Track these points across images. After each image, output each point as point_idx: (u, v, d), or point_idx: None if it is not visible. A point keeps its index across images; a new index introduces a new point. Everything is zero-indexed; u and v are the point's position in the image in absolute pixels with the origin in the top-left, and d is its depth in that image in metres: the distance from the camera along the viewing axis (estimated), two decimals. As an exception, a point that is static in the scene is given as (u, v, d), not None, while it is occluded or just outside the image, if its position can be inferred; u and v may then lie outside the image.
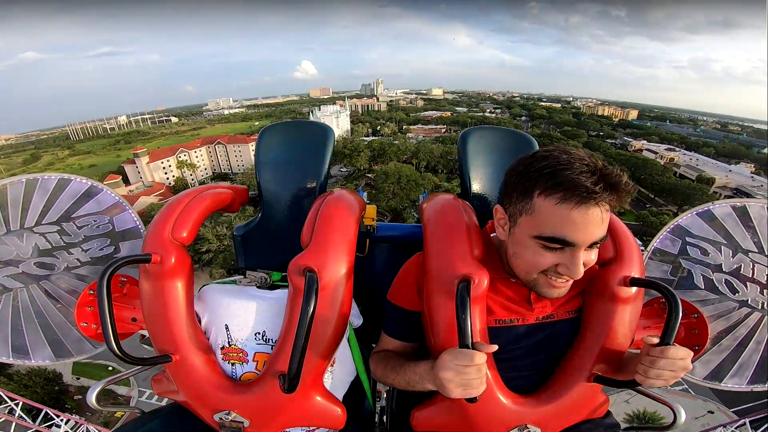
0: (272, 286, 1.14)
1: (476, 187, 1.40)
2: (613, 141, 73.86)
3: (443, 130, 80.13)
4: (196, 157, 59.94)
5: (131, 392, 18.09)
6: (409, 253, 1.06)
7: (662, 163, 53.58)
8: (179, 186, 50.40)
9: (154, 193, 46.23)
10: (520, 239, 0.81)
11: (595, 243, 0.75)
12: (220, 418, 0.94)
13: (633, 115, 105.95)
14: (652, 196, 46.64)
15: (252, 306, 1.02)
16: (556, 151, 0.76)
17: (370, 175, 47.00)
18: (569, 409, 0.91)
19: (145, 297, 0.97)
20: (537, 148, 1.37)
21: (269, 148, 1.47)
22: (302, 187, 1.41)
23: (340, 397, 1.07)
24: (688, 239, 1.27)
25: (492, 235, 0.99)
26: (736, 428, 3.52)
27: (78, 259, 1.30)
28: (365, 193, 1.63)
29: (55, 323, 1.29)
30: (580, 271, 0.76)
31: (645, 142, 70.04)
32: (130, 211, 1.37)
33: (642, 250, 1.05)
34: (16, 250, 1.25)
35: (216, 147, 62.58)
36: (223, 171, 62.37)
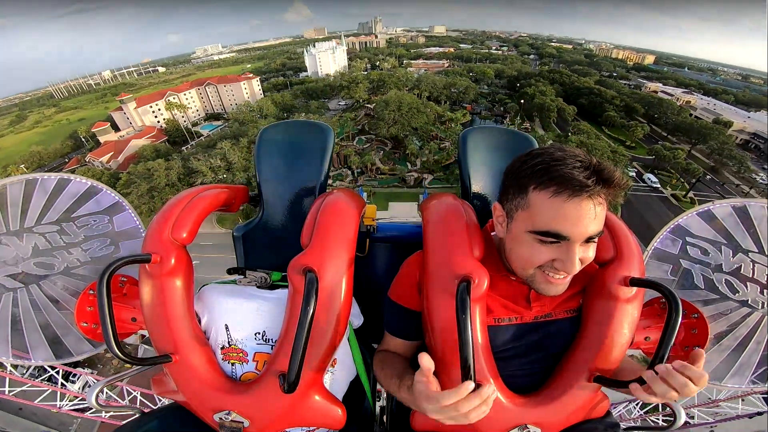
0: (272, 286, 1.14)
1: (476, 187, 1.40)
2: (627, 82, 67.98)
3: (446, 65, 75.11)
4: (186, 99, 57.07)
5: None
6: (409, 253, 1.06)
7: (678, 104, 50.92)
8: (170, 128, 48.53)
9: (145, 135, 44.97)
10: (517, 235, 0.82)
11: (591, 238, 0.76)
12: (220, 418, 0.94)
13: (649, 60, 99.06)
14: (665, 135, 45.01)
15: (252, 306, 1.02)
16: (552, 148, 0.78)
17: (369, 105, 45.03)
18: (569, 409, 0.91)
19: (145, 297, 0.97)
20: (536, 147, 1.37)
21: (269, 148, 1.47)
22: (302, 187, 1.41)
23: (340, 397, 1.07)
24: (688, 239, 1.27)
25: (492, 233, 1.00)
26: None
27: (78, 259, 1.30)
28: (365, 193, 1.63)
29: (55, 323, 1.29)
30: (576, 266, 0.76)
31: (661, 85, 65.62)
32: (130, 211, 1.37)
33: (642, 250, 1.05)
34: (16, 250, 1.25)
35: (206, 88, 59.66)
36: (216, 111, 59.72)
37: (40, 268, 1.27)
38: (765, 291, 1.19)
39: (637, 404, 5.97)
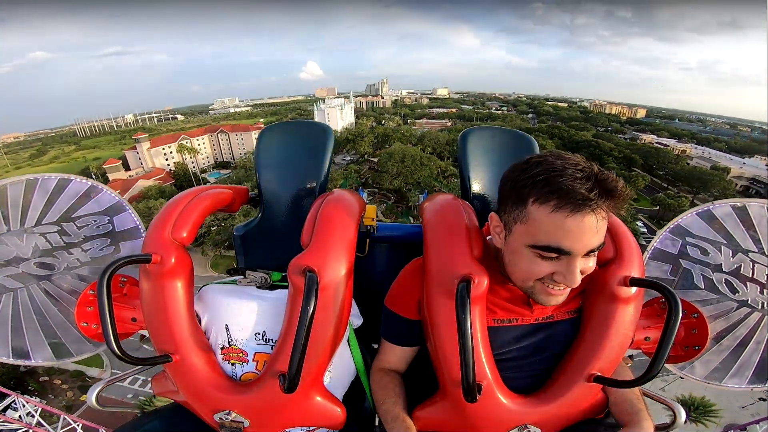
0: (272, 286, 1.14)
1: (476, 187, 1.40)
2: (622, 135, 71.60)
3: (449, 124, 77.53)
4: (198, 144, 58.86)
5: (103, 374, 17.60)
6: (409, 253, 1.06)
7: (675, 153, 52.14)
8: (179, 171, 49.62)
9: (153, 177, 45.93)
10: (516, 248, 0.80)
11: (592, 251, 0.74)
12: (220, 418, 0.94)
13: (641, 114, 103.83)
14: (665, 186, 45.60)
15: (252, 306, 1.02)
16: (551, 156, 0.75)
17: (373, 159, 45.95)
18: (569, 409, 0.91)
19: (145, 297, 0.97)
20: (537, 148, 1.37)
21: (269, 148, 1.47)
22: (302, 187, 1.41)
23: (340, 397, 1.07)
24: (688, 239, 1.27)
25: (488, 237, 0.99)
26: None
27: (78, 259, 1.30)
28: (365, 193, 1.63)
29: (55, 323, 1.29)
30: (577, 280, 0.75)
31: (654, 136, 67.89)
32: (130, 211, 1.37)
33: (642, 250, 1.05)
34: (16, 250, 1.25)
35: (219, 135, 61.29)
36: (225, 160, 61.14)
37: (40, 268, 1.27)
38: (765, 291, 1.19)
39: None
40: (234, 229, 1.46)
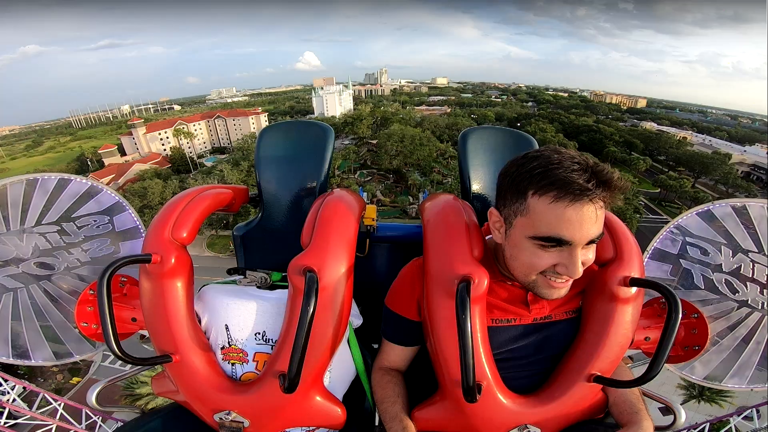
0: (272, 286, 1.14)
1: (476, 187, 1.40)
2: (623, 123, 70.77)
3: (448, 110, 76.31)
4: (195, 129, 57.88)
5: (93, 357, 17.43)
6: (409, 253, 1.06)
7: (676, 138, 51.62)
8: (175, 155, 48.93)
9: (149, 161, 45.63)
10: (517, 241, 0.81)
11: (591, 241, 0.76)
12: (220, 418, 0.94)
13: (642, 104, 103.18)
14: (666, 170, 44.99)
15: (252, 306, 1.02)
16: (547, 150, 0.77)
17: (372, 141, 45.44)
18: (569, 410, 0.91)
19: (145, 297, 0.97)
20: (536, 147, 1.37)
21: (269, 148, 1.47)
22: (302, 187, 1.41)
23: (340, 397, 1.07)
24: (688, 239, 1.27)
25: (487, 237, 0.99)
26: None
27: (78, 259, 1.30)
28: (365, 193, 1.63)
29: (55, 323, 1.29)
30: (579, 270, 0.76)
31: (655, 124, 67.21)
32: (130, 211, 1.37)
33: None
34: (16, 250, 1.25)
35: (216, 121, 60.32)
36: (222, 145, 60.25)
37: (40, 268, 1.27)
38: (765, 291, 1.19)
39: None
40: (234, 229, 1.46)
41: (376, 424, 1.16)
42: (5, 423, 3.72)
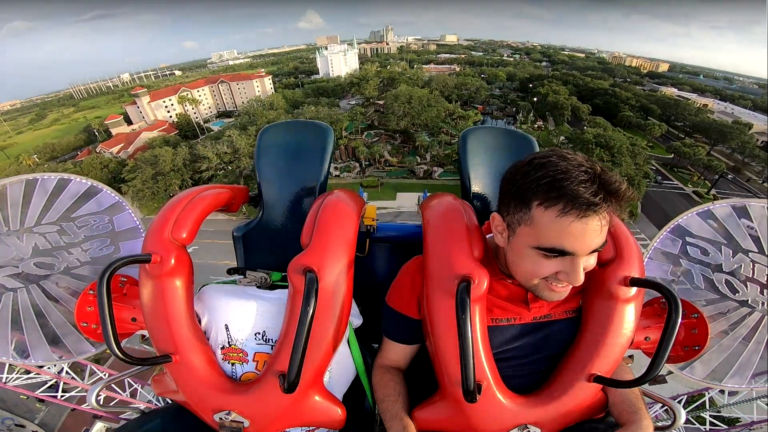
0: (272, 286, 1.14)
1: (476, 187, 1.40)
2: (641, 87, 65.28)
3: (457, 69, 72.91)
4: (199, 95, 57.78)
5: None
6: (409, 253, 1.06)
7: (696, 106, 49.34)
8: (182, 122, 48.89)
9: (156, 129, 45.59)
10: (519, 249, 0.80)
11: (595, 250, 0.75)
12: (220, 418, 0.94)
13: (664, 68, 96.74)
14: (683, 136, 43.36)
15: (252, 306, 1.02)
16: (554, 156, 0.74)
17: (379, 102, 44.94)
18: (569, 409, 0.91)
19: (145, 297, 0.97)
20: (537, 148, 1.37)
21: (269, 148, 1.47)
22: (302, 187, 1.41)
23: (340, 397, 1.07)
24: (688, 239, 1.27)
25: (488, 236, 0.99)
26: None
27: (78, 259, 1.30)
28: (365, 193, 1.63)
29: (55, 323, 1.29)
30: (581, 279, 0.76)
31: (676, 90, 62.79)
32: (130, 211, 1.37)
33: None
34: (16, 250, 1.25)
35: (219, 85, 60.04)
36: (228, 109, 60.11)
37: (40, 268, 1.27)
38: (765, 291, 1.19)
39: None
40: (234, 230, 1.46)
41: (377, 424, 1.16)
42: (61, 396, 3.91)
